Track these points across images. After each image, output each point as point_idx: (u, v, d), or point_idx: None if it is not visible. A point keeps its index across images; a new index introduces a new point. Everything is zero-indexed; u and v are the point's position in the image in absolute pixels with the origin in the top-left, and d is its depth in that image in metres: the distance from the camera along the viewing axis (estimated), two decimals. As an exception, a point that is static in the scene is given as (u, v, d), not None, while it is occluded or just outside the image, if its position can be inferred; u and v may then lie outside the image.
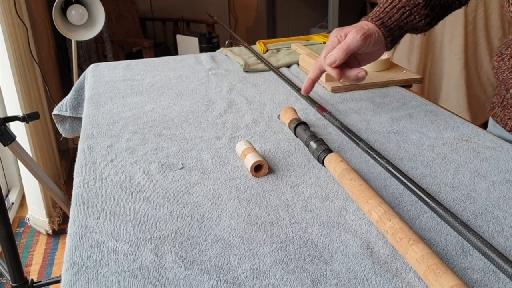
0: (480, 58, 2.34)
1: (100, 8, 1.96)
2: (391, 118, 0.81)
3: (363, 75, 0.72)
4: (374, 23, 0.75)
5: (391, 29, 0.76)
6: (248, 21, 3.91)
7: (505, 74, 0.75)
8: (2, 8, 1.68)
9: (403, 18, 0.76)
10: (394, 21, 0.76)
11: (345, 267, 0.46)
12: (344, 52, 0.71)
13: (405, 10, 0.76)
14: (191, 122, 0.81)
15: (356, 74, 0.72)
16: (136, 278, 0.45)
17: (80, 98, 1.08)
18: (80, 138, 0.77)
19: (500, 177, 0.61)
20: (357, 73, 0.72)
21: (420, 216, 0.54)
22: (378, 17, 0.76)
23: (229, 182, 0.62)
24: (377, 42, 0.74)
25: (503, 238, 0.50)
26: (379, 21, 0.75)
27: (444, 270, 0.41)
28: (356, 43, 0.71)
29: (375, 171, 0.64)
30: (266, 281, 0.45)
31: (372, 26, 0.74)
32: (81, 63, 2.71)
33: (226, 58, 1.20)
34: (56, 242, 1.97)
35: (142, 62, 1.19)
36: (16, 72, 1.76)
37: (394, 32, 0.76)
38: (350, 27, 0.74)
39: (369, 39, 0.73)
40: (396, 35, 0.77)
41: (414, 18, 0.77)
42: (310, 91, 0.77)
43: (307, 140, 0.68)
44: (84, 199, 0.59)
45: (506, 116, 0.77)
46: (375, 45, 0.74)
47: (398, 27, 0.76)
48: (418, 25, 0.78)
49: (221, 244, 0.50)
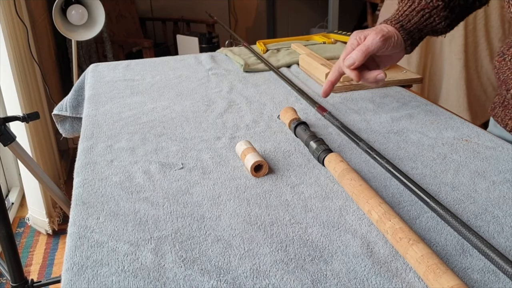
0: (480, 58, 2.34)
1: (100, 8, 1.96)
2: (391, 118, 0.81)
3: (382, 77, 0.73)
4: (393, 26, 0.75)
5: (411, 32, 0.76)
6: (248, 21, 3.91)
7: (506, 74, 0.75)
8: (2, 8, 1.68)
9: (422, 20, 0.76)
10: (413, 24, 0.76)
11: (345, 267, 0.46)
12: (363, 54, 0.72)
13: (424, 13, 0.76)
14: (191, 122, 0.81)
15: (375, 76, 0.73)
16: (136, 278, 0.45)
17: (80, 98, 1.08)
18: (80, 138, 0.77)
19: (500, 177, 0.61)
20: (376, 75, 0.73)
21: (420, 216, 0.54)
22: (398, 20, 0.76)
23: (229, 182, 0.62)
24: (396, 45, 0.74)
25: (503, 238, 0.50)
26: (398, 24, 0.75)
27: (444, 270, 0.41)
28: (376, 45, 0.72)
29: (375, 171, 0.64)
30: (266, 281, 0.45)
31: (391, 29, 0.75)
32: (81, 63, 2.71)
33: (226, 58, 1.20)
34: (56, 242, 1.97)
35: (142, 62, 1.19)
36: (16, 72, 1.76)
37: (414, 35, 0.76)
38: (370, 30, 0.74)
39: (389, 41, 0.73)
40: (415, 38, 0.77)
41: (434, 20, 0.77)
42: (330, 93, 0.78)
43: (307, 140, 0.68)
44: (84, 199, 0.59)
45: (507, 116, 0.77)
46: (394, 47, 0.75)
47: (417, 29, 0.76)
48: (438, 27, 0.78)
49: (221, 244, 0.50)
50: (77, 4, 1.94)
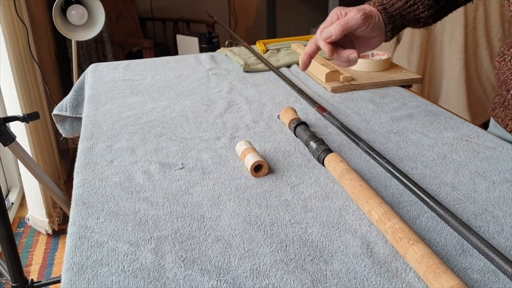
0: (480, 58, 2.34)
1: (100, 8, 1.96)
2: (391, 118, 0.81)
3: (355, 57, 0.71)
4: (376, 8, 0.74)
5: (393, 16, 0.75)
6: (248, 21, 3.91)
7: (506, 74, 0.75)
8: (2, 8, 1.68)
9: (406, 6, 0.76)
10: (396, 9, 0.75)
11: (345, 267, 0.46)
12: (342, 28, 0.70)
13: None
14: (191, 122, 0.81)
15: (348, 55, 0.71)
16: (136, 278, 0.45)
17: (80, 98, 1.08)
18: (80, 138, 0.77)
19: (500, 177, 0.61)
20: (349, 55, 0.71)
21: (420, 216, 0.54)
22: (381, 2, 0.76)
23: (229, 182, 0.62)
24: (376, 27, 0.73)
25: (503, 238, 0.50)
26: (381, 6, 0.75)
27: (444, 270, 0.41)
28: (356, 21, 0.70)
29: (375, 171, 0.64)
30: (266, 281, 0.45)
31: (373, 9, 0.74)
32: (81, 63, 2.71)
33: (226, 58, 1.20)
34: (56, 242, 1.97)
35: (142, 62, 1.19)
36: (16, 72, 1.76)
37: (396, 20, 0.75)
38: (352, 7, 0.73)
39: (369, 20, 0.72)
40: (397, 24, 0.76)
41: (418, 8, 0.76)
42: (308, 65, 0.76)
43: (307, 140, 0.68)
44: (84, 199, 0.59)
45: (507, 117, 0.77)
46: (374, 29, 0.73)
47: (400, 15, 0.76)
48: (421, 16, 0.77)
49: (221, 244, 0.50)
50: (77, 4, 1.94)
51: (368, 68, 1.02)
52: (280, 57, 1.17)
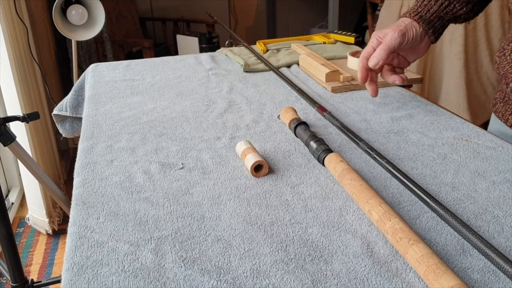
0: (480, 58, 2.34)
1: (100, 8, 1.96)
2: (391, 118, 0.81)
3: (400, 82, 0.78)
4: (412, 18, 0.77)
5: (431, 22, 0.77)
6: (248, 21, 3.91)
7: (506, 68, 0.75)
8: (2, 8, 1.68)
9: (441, 8, 0.77)
10: (433, 13, 0.77)
11: (345, 267, 0.46)
12: (385, 52, 0.75)
13: (443, 1, 0.77)
14: (191, 122, 0.81)
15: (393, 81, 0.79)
16: (136, 278, 0.45)
17: (80, 98, 1.08)
18: (80, 138, 0.77)
19: (500, 177, 0.61)
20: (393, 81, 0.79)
21: (420, 216, 0.54)
22: (416, 11, 0.78)
23: (229, 182, 0.62)
24: (416, 38, 0.77)
25: (503, 238, 0.50)
26: (417, 15, 0.77)
27: (444, 270, 0.41)
28: (395, 42, 0.75)
29: (375, 171, 0.64)
30: (266, 281, 0.45)
31: (408, 22, 0.77)
32: (81, 63, 2.71)
33: (226, 58, 1.20)
34: (56, 242, 1.97)
35: (142, 62, 1.19)
36: (16, 72, 1.76)
37: (435, 23, 0.78)
38: (388, 28, 0.77)
39: (407, 35, 0.76)
40: (437, 27, 0.78)
41: (454, 6, 0.78)
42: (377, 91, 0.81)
43: (307, 140, 0.68)
44: (84, 199, 0.59)
45: (508, 111, 0.77)
46: (414, 41, 0.77)
47: (438, 18, 0.78)
48: (459, 13, 0.79)
49: (221, 244, 0.50)
50: (77, 4, 1.94)
51: (368, 68, 1.02)
52: (280, 57, 1.17)
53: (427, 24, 0.77)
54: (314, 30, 3.79)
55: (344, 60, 1.09)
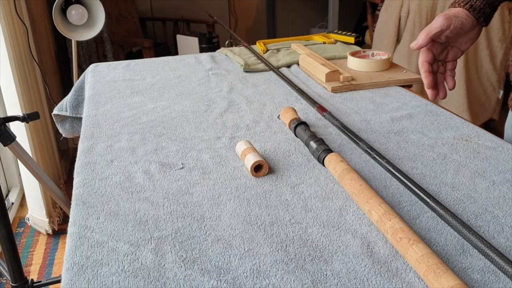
0: (480, 58, 2.34)
1: (100, 8, 1.96)
2: (391, 118, 0.81)
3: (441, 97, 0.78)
4: (463, 7, 0.77)
5: (481, 9, 0.77)
6: (248, 21, 3.91)
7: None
8: (2, 8, 1.68)
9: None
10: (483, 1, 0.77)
11: (345, 267, 0.46)
12: (425, 33, 0.74)
13: None
14: (191, 122, 0.81)
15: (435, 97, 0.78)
16: (136, 278, 0.45)
17: (80, 98, 1.08)
18: (80, 138, 0.77)
19: (500, 177, 0.61)
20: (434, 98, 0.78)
21: (420, 216, 0.54)
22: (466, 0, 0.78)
23: (229, 182, 0.62)
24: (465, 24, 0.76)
25: (503, 238, 0.50)
26: (467, 4, 0.77)
27: (444, 270, 0.41)
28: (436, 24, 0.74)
29: (375, 171, 0.64)
30: (266, 281, 0.45)
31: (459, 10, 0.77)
32: (81, 63, 2.71)
33: (226, 58, 1.20)
34: (56, 242, 1.97)
35: (142, 62, 1.19)
36: (16, 72, 1.75)
37: (485, 10, 0.78)
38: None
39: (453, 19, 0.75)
40: (487, 12, 0.78)
41: None
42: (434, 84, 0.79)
43: (307, 140, 0.68)
44: (84, 199, 0.59)
45: None
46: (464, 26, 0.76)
47: (488, 4, 0.78)
48: None
49: (221, 244, 0.50)
50: (77, 4, 1.94)
51: (368, 68, 1.02)
52: (280, 57, 1.17)
53: (477, 13, 0.77)
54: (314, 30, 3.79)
55: (344, 60, 1.09)
